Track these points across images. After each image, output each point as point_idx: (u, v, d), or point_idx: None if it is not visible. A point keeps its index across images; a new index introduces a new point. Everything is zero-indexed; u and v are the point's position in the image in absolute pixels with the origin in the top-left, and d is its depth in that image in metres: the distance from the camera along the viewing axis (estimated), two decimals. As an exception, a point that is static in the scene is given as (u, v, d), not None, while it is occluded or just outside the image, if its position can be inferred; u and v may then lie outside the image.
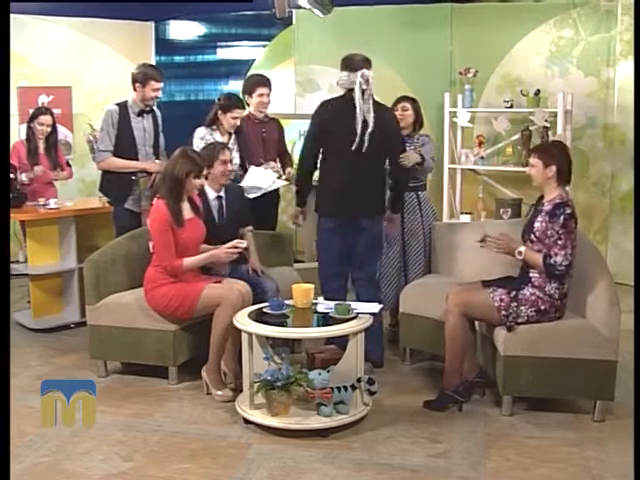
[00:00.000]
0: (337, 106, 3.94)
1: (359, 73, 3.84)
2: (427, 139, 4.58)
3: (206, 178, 4.04)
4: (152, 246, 3.81)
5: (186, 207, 3.81)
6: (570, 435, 3.30)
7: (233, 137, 4.63)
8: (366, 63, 3.90)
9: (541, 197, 3.61)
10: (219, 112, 4.54)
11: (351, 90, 3.87)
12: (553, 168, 3.48)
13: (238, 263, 4.10)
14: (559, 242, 3.39)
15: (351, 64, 3.89)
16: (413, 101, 4.60)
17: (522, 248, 3.49)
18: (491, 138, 6.26)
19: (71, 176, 5.61)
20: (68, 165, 5.57)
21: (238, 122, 4.57)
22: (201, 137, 4.51)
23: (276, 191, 4.96)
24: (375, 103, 3.92)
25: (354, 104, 3.83)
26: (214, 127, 4.58)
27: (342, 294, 4.00)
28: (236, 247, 3.78)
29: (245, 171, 4.62)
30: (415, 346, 4.23)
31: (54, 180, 5.41)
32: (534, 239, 3.48)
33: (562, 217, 3.39)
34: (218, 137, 4.54)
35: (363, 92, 3.85)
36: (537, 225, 3.48)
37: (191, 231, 3.79)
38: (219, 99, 4.62)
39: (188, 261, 3.76)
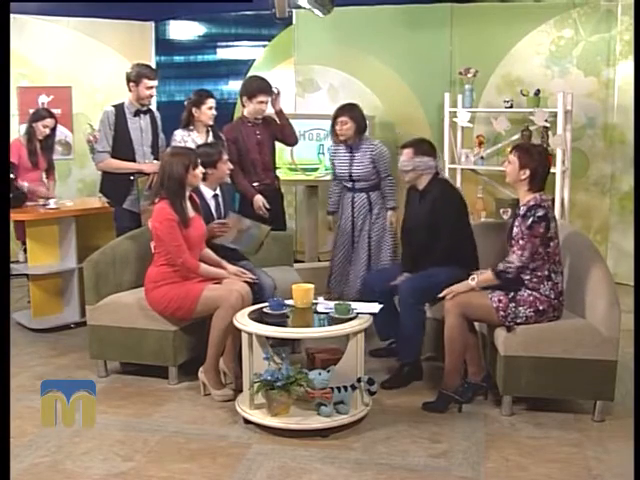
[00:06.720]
0: None
1: None
2: (378, 146, 4.67)
3: (204, 179, 4.04)
4: (154, 247, 3.80)
5: (188, 206, 3.81)
6: (570, 435, 3.30)
7: (210, 135, 4.60)
8: None
9: (519, 200, 3.56)
10: (193, 109, 4.53)
11: None
12: (527, 172, 3.43)
13: (236, 260, 4.10)
14: (520, 242, 3.38)
15: None
16: (351, 108, 4.59)
17: (471, 281, 3.51)
18: (491, 138, 6.24)
19: (54, 180, 5.57)
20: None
21: (214, 112, 4.55)
22: (179, 140, 4.50)
23: (279, 190, 4.95)
24: None
25: None
26: (191, 127, 4.57)
27: None
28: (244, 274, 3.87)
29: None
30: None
31: (45, 191, 5.37)
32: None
33: (530, 219, 3.36)
34: (195, 137, 4.53)
35: None
36: (515, 230, 3.45)
37: (194, 229, 3.79)
38: (189, 98, 4.61)
39: (204, 267, 3.78)
